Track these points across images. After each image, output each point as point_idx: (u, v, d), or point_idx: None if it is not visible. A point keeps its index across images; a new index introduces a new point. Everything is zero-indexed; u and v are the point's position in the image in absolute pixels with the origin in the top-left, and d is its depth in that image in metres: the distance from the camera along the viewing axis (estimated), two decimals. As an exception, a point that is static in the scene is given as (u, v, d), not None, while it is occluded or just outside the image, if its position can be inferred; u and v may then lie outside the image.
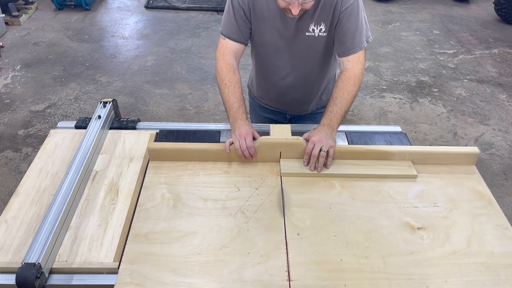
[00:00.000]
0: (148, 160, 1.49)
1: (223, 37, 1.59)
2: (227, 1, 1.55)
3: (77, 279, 1.14)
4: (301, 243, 1.19)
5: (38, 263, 1.07)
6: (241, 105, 1.50)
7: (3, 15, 4.97)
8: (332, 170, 1.42)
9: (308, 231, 1.23)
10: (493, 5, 5.60)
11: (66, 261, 1.16)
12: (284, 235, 1.22)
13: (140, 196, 1.34)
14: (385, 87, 4.15)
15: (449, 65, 4.59)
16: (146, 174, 1.44)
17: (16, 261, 1.14)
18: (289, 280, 1.09)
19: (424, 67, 4.54)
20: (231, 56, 1.57)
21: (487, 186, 1.41)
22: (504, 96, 4.07)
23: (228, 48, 1.58)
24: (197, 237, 1.21)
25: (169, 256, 1.15)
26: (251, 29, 1.57)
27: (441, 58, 4.72)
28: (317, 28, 1.51)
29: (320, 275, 1.11)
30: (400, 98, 3.99)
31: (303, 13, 1.43)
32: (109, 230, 1.24)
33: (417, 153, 1.47)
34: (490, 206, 1.34)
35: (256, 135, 1.45)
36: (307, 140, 1.43)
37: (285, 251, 1.17)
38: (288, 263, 1.13)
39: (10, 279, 1.10)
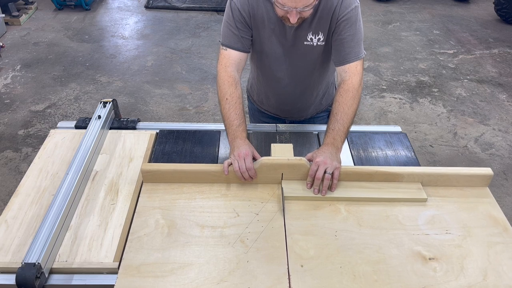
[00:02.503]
0: (142, 183, 1.41)
1: (224, 48, 1.53)
2: (225, 11, 1.51)
3: (77, 279, 1.14)
4: (305, 275, 1.11)
5: (38, 263, 1.07)
6: (241, 122, 1.43)
7: (3, 15, 4.96)
8: (337, 193, 1.34)
9: (312, 262, 1.15)
10: (493, 5, 5.60)
11: (66, 261, 1.16)
12: (287, 266, 1.14)
13: (132, 223, 1.26)
14: (385, 87, 4.15)
15: (449, 65, 4.59)
16: (139, 198, 1.35)
17: (16, 261, 1.14)
18: None
19: (424, 67, 4.54)
20: (234, 68, 1.52)
21: (501, 211, 1.34)
22: (504, 96, 4.07)
23: (230, 59, 1.52)
24: (193, 270, 1.12)
25: None
26: (252, 36, 1.54)
27: (441, 58, 4.72)
28: (315, 38, 1.49)
29: None
30: (400, 98, 3.99)
31: (301, 22, 1.41)
32: (109, 230, 1.24)
33: (426, 174, 1.39)
34: (506, 233, 1.26)
35: (256, 155, 1.38)
36: (310, 161, 1.36)
37: (288, 285, 1.09)
38: None
39: (10, 279, 1.10)
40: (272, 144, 1.46)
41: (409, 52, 4.83)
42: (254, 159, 1.38)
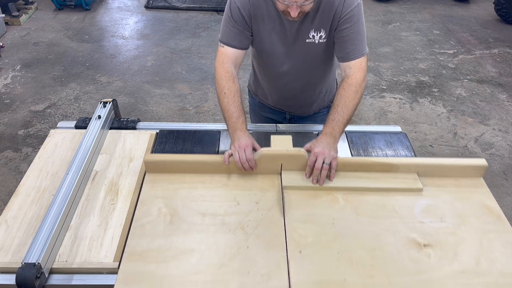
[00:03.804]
0: (145, 173, 1.44)
1: (222, 45, 1.55)
2: (225, 9, 1.52)
3: (77, 279, 1.14)
4: (303, 261, 1.14)
5: (38, 263, 1.07)
6: (240, 114, 1.45)
7: (3, 15, 4.96)
8: (335, 183, 1.37)
9: (310, 248, 1.17)
10: (493, 5, 5.60)
11: (66, 261, 1.16)
12: (286, 252, 1.16)
13: (136, 211, 1.29)
14: (385, 87, 4.15)
15: (449, 65, 4.59)
16: (142, 188, 1.38)
17: (16, 261, 1.14)
18: None
19: (424, 67, 4.54)
20: (231, 64, 1.54)
21: (495, 201, 1.36)
22: (504, 96, 4.07)
23: (227, 56, 1.54)
24: (194, 256, 1.15)
25: (165, 276, 1.10)
26: (251, 35, 1.55)
27: (441, 58, 4.72)
28: (317, 35, 1.50)
29: None
30: (400, 98, 3.99)
31: (303, 17, 1.41)
32: (109, 230, 1.24)
33: (422, 165, 1.41)
34: (499, 221, 1.28)
35: (257, 146, 1.41)
36: (308, 151, 1.39)
37: (287, 270, 1.12)
38: (289, 283, 1.08)
39: (10, 279, 1.10)
40: (272, 136, 1.48)
41: (409, 52, 4.83)
42: (254, 150, 1.40)
